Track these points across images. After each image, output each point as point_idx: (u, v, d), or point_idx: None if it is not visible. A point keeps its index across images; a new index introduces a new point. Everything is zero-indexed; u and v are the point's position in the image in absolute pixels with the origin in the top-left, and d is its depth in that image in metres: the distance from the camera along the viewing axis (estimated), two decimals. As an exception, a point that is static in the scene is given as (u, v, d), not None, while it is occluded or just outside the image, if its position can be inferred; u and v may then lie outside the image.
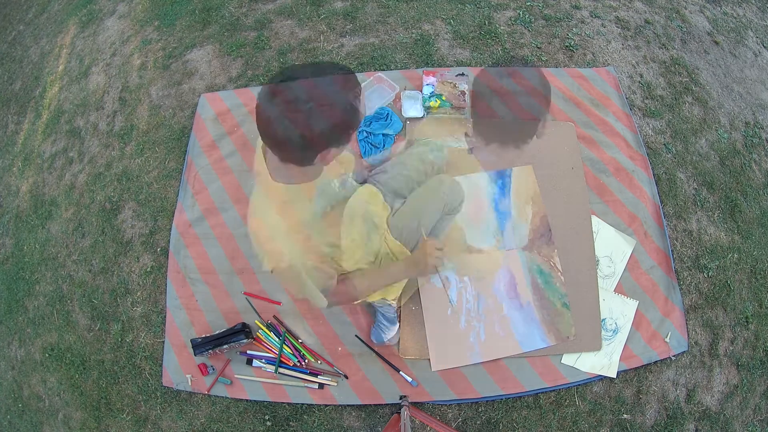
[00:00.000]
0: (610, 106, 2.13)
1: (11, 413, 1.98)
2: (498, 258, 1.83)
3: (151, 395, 1.79)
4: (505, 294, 1.78)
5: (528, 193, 1.93)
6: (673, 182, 2.00)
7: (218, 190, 2.02)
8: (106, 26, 2.70)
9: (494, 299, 1.77)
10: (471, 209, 1.87)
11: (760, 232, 1.96)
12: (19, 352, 2.03)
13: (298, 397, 1.70)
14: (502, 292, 1.78)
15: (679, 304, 1.79)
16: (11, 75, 2.90)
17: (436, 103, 2.03)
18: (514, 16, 2.39)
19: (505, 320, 1.74)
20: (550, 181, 1.94)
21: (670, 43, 2.37)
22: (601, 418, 1.67)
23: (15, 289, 2.14)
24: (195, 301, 1.85)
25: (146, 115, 2.29)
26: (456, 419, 1.68)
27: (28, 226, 2.25)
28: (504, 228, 1.87)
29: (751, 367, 1.77)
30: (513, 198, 1.92)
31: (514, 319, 1.75)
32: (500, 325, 1.74)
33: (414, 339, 1.72)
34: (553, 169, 1.97)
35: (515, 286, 1.79)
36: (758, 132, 2.19)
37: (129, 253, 2.01)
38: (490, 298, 1.77)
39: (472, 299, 1.77)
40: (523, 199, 1.92)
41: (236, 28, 2.45)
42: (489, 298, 1.77)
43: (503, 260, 1.82)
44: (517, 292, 1.78)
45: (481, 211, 1.90)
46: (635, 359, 1.71)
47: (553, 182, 1.94)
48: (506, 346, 1.71)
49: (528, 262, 1.82)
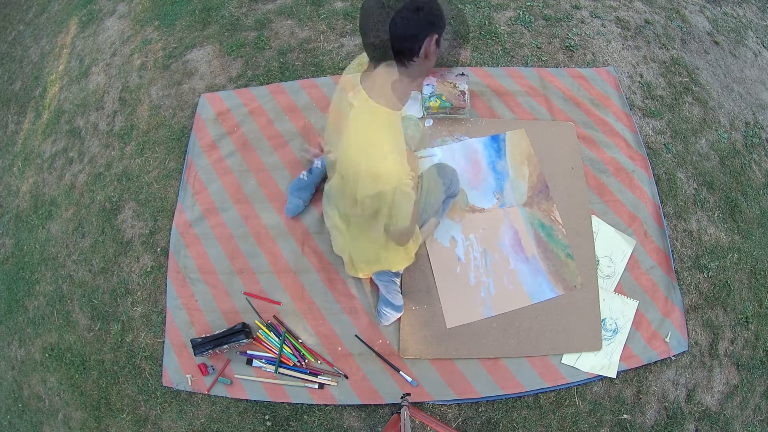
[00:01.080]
0: (610, 106, 2.13)
1: (11, 413, 1.98)
2: (500, 215, 1.90)
3: (151, 395, 1.79)
4: (511, 249, 1.85)
5: (523, 154, 2.01)
6: (673, 182, 2.00)
7: (218, 190, 2.02)
8: (106, 26, 2.70)
9: (500, 254, 1.84)
10: (470, 172, 1.97)
11: (760, 232, 1.96)
12: (19, 352, 2.03)
13: (298, 397, 1.70)
14: (508, 246, 1.85)
15: (679, 304, 1.79)
16: (11, 75, 2.90)
17: (436, 103, 2.03)
18: (514, 16, 2.39)
19: (513, 273, 1.80)
20: (550, 181, 1.95)
21: (670, 43, 2.37)
22: (601, 418, 1.67)
23: (15, 289, 2.14)
24: (195, 301, 1.85)
25: (146, 115, 2.29)
26: (456, 419, 1.68)
27: (28, 226, 2.25)
28: (503, 188, 1.95)
29: (751, 367, 1.77)
30: (509, 159, 2.00)
31: (521, 272, 1.80)
32: (509, 278, 1.79)
33: (414, 339, 1.72)
34: (553, 169, 1.97)
35: (519, 241, 1.86)
36: (758, 132, 2.19)
37: (129, 253, 2.01)
38: (496, 253, 1.84)
39: (479, 256, 1.83)
40: (518, 161, 2.00)
41: (236, 28, 2.45)
42: (495, 253, 1.84)
43: (504, 216, 1.89)
44: (521, 246, 1.85)
45: (480, 173, 1.98)
46: (635, 359, 1.71)
47: (553, 182, 1.94)
48: (517, 299, 1.77)
49: (529, 218, 1.89)
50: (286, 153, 2.06)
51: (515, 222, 1.88)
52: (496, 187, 1.94)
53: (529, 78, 2.17)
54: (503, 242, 1.85)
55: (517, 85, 2.15)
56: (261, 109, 2.16)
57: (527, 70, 2.20)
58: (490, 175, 1.97)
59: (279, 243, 1.90)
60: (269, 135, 2.10)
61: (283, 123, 2.12)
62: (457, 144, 2.02)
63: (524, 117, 2.09)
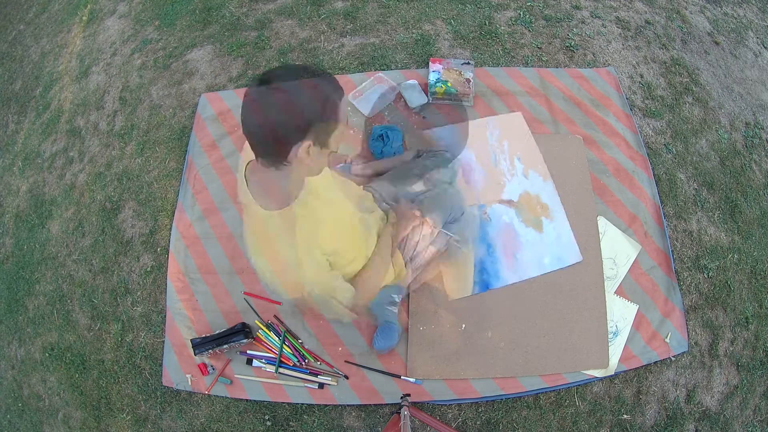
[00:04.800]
0: (610, 107, 2.13)
1: (11, 413, 1.98)
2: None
3: (151, 395, 1.79)
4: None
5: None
6: (674, 182, 2.00)
7: (218, 189, 2.02)
8: (107, 26, 2.70)
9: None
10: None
11: (760, 233, 1.96)
12: (19, 351, 2.03)
13: (298, 397, 1.70)
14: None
15: (679, 304, 1.79)
16: (12, 74, 2.90)
17: (441, 88, 2.05)
18: (515, 17, 2.39)
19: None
20: (559, 195, 1.93)
21: (671, 43, 2.37)
22: (601, 419, 1.67)
23: (15, 288, 2.14)
24: (195, 301, 1.85)
25: (146, 115, 2.29)
26: (456, 419, 1.68)
27: (28, 225, 2.25)
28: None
29: (751, 368, 1.77)
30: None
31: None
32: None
33: (422, 359, 1.69)
34: (562, 183, 1.94)
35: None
36: (758, 132, 2.19)
37: (129, 252, 2.01)
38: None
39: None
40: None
41: (237, 27, 2.45)
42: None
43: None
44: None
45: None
46: (635, 359, 1.71)
47: (562, 197, 1.92)
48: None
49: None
50: (286, 153, 2.05)
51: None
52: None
53: (529, 78, 2.17)
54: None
55: (517, 85, 2.15)
56: (261, 109, 2.15)
57: (527, 70, 2.20)
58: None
59: (279, 243, 1.89)
60: (269, 135, 2.10)
61: (284, 123, 2.12)
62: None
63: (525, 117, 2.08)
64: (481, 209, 1.89)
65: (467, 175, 1.95)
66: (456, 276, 1.76)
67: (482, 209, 1.89)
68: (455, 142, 1.96)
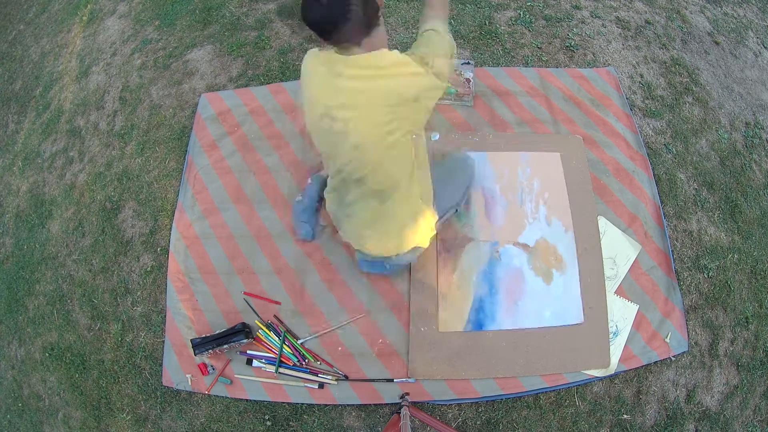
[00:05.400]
0: (610, 107, 2.13)
1: (11, 413, 1.98)
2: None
3: (151, 395, 1.79)
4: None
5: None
6: (674, 182, 2.01)
7: (218, 189, 2.02)
8: (107, 26, 2.70)
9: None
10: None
11: (760, 233, 1.96)
12: (19, 351, 2.03)
13: (298, 397, 1.70)
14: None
15: (679, 304, 1.79)
16: (12, 74, 2.90)
17: None
18: (515, 16, 2.39)
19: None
20: (559, 197, 1.92)
21: (671, 43, 2.37)
22: (601, 419, 1.67)
23: (15, 288, 2.14)
24: (195, 301, 1.85)
25: (147, 115, 2.29)
26: (456, 419, 1.68)
27: (28, 225, 2.25)
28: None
29: (751, 368, 1.77)
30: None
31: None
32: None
33: (423, 360, 1.69)
34: (562, 183, 1.94)
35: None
36: (759, 132, 2.19)
37: (129, 252, 2.01)
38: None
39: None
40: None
41: (237, 27, 2.45)
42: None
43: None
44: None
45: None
46: (635, 359, 1.71)
47: (563, 198, 1.92)
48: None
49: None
50: (286, 153, 2.06)
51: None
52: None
53: (529, 78, 2.17)
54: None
55: (517, 85, 2.15)
56: (261, 109, 2.16)
57: (527, 70, 2.20)
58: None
59: (279, 243, 1.90)
60: (269, 135, 2.10)
61: (284, 123, 2.12)
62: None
63: (525, 117, 2.09)
64: (493, 247, 1.83)
65: (490, 207, 1.90)
66: (452, 308, 1.75)
67: (494, 247, 1.83)
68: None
